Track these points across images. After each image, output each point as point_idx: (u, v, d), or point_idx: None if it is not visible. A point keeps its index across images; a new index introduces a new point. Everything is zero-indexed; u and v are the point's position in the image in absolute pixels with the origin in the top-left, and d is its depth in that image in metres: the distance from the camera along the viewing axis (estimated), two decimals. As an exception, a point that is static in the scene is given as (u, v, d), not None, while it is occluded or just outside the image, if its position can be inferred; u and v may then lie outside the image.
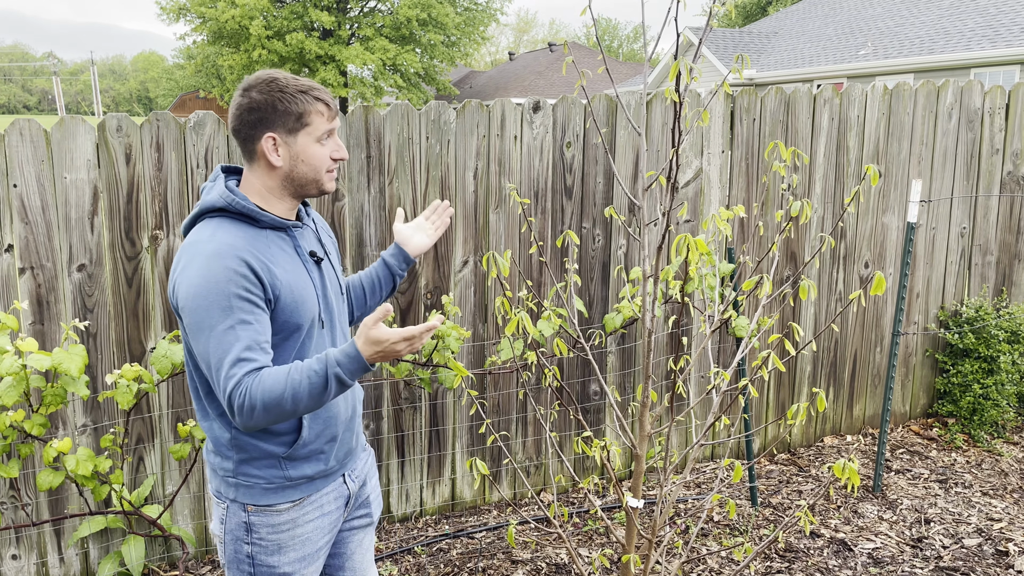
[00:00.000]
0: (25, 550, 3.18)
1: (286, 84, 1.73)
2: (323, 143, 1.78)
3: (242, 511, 1.86)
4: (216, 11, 27.84)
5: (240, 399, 1.64)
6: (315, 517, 1.92)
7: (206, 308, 1.66)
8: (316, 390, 1.66)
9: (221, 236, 1.71)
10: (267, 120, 1.73)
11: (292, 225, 1.83)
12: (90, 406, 3.17)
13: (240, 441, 1.82)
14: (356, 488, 2.04)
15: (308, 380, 1.66)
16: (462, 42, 32.49)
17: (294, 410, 1.67)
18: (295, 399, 1.65)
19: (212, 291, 1.66)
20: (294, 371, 1.66)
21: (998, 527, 3.67)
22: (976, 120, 4.59)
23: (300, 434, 1.83)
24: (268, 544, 1.86)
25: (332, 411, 1.89)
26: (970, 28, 15.73)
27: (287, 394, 1.64)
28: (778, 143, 2.31)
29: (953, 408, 4.70)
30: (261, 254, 1.72)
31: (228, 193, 1.75)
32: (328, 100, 1.77)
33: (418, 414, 3.74)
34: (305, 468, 1.87)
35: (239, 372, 1.65)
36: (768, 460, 4.45)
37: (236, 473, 1.85)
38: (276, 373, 1.66)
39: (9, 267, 2.99)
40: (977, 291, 4.83)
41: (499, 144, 3.64)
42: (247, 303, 1.67)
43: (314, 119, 1.75)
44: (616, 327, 3.37)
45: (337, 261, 2.03)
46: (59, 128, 2.98)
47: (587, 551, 3.52)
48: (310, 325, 1.82)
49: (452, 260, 3.65)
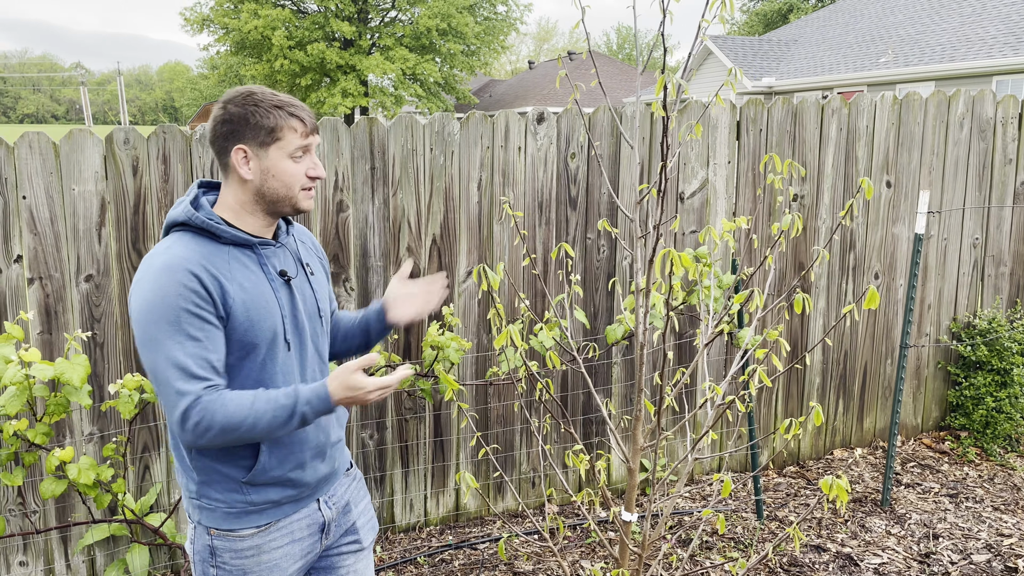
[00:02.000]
0: (32, 556, 3.22)
1: (262, 98, 1.72)
2: (297, 160, 1.75)
3: (206, 534, 1.81)
4: (239, 22, 28.19)
5: (197, 417, 1.62)
6: (284, 544, 1.85)
7: (155, 322, 1.63)
8: (277, 424, 1.67)
9: (176, 249, 1.69)
10: (238, 132, 1.72)
11: (260, 242, 1.79)
12: (97, 415, 3.21)
13: (198, 463, 1.78)
14: (334, 514, 1.97)
15: (272, 413, 1.65)
16: (482, 51, 32.66)
17: (248, 437, 1.66)
18: (254, 427, 1.65)
19: (160, 304, 1.63)
20: (259, 401, 1.65)
21: (1008, 543, 3.62)
22: (988, 130, 4.54)
23: (258, 459, 1.78)
24: (232, 569, 1.81)
25: (297, 437, 1.83)
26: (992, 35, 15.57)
27: (248, 421, 1.64)
28: (774, 155, 2.30)
29: (965, 421, 4.64)
30: (215, 268, 1.69)
31: (190, 208, 1.73)
32: (304, 116, 1.75)
33: (422, 424, 3.75)
34: (269, 493, 1.81)
35: (195, 389, 1.62)
36: (777, 473, 4.41)
37: (199, 495, 1.80)
38: (240, 399, 1.65)
39: (18, 277, 3.04)
40: (990, 303, 4.77)
41: (503, 155, 3.65)
42: (196, 318, 1.64)
43: (286, 134, 1.72)
44: (618, 339, 3.37)
45: (323, 281, 1.98)
46: (67, 141, 3.04)
47: (589, 563, 3.51)
48: (270, 346, 1.77)
49: (456, 271, 3.66)
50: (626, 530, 2.30)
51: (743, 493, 4.17)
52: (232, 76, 32.67)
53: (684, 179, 3.99)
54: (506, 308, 3.75)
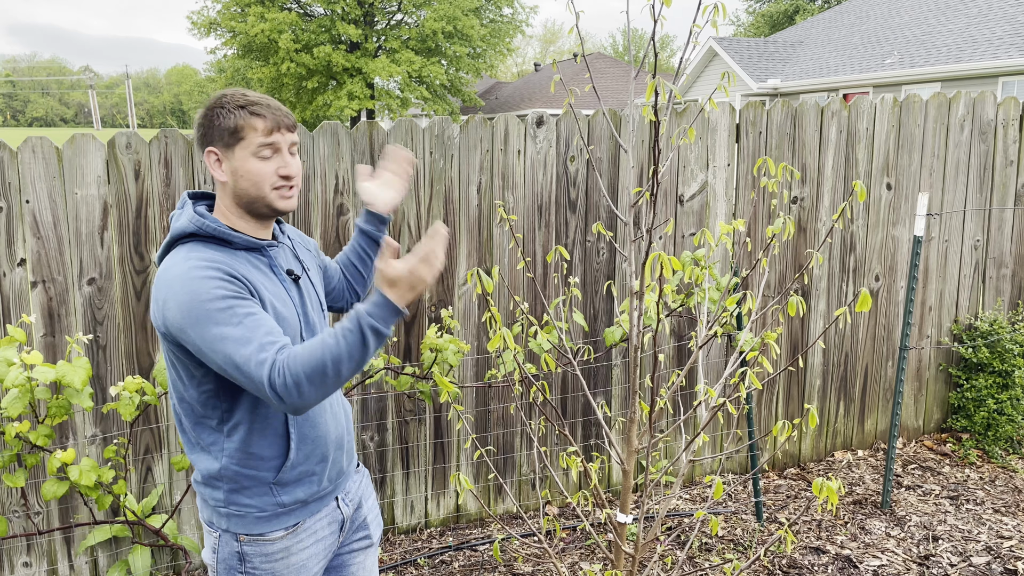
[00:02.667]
0: (36, 557, 3.25)
1: (229, 100, 1.74)
2: (264, 158, 1.75)
3: (235, 541, 1.83)
4: (245, 25, 28.30)
5: (281, 378, 1.59)
6: (310, 544, 1.89)
7: (207, 317, 1.62)
8: (354, 348, 1.60)
9: (195, 256, 1.70)
10: (208, 135, 1.75)
11: (267, 244, 1.82)
12: (99, 417, 3.24)
13: (229, 471, 1.79)
14: (351, 511, 2.01)
15: (344, 340, 1.60)
16: (487, 54, 32.71)
17: (337, 375, 1.61)
18: (336, 362, 1.60)
19: (204, 300, 1.63)
20: (327, 336, 1.62)
21: (1008, 545, 3.61)
22: (989, 132, 4.54)
23: (288, 456, 1.81)
24: (262, 573, 1.84)
25: (321, 430, 1.86)
26: (998, 36, 15.52)
27: (327, 359, 1.59)
28: (767, 159, 2.31)
29: (967, 423, 4.63)
30: (238, 272, 1.71)
31: (198, 217, 1.74)
32: (265, 114, 1.74)
33: (422, 426, 3.77)
34: (297, 492, 1.84)
35: (268, 355, 1.60)
36: (777, 475, 4.42)
37: (227, 503, 1.81)
38: (309, 345, 1.62)
39: (22, 281, 3.07)
40: (992, 304, 4.76)
41: (503, 158, 3.67)
42: (243, 300, 1.66)
43: (247, 133, 1.73)
44: (616, 341, 3.38)
45: (317, 276, 2.01)
46: (70, 145, 3.07)
47: (588, 564, 3.52)
48: (293, 343, 1.78)
49: (456, 273, 3.68)
50: (621, 532, 2.32)
51: (744, 495, 4.17)
52: (239, 79, 32.79)
53: (684, 182, 4.00)
54: (506, 311, 3.77)
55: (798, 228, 4.24)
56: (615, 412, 4.04)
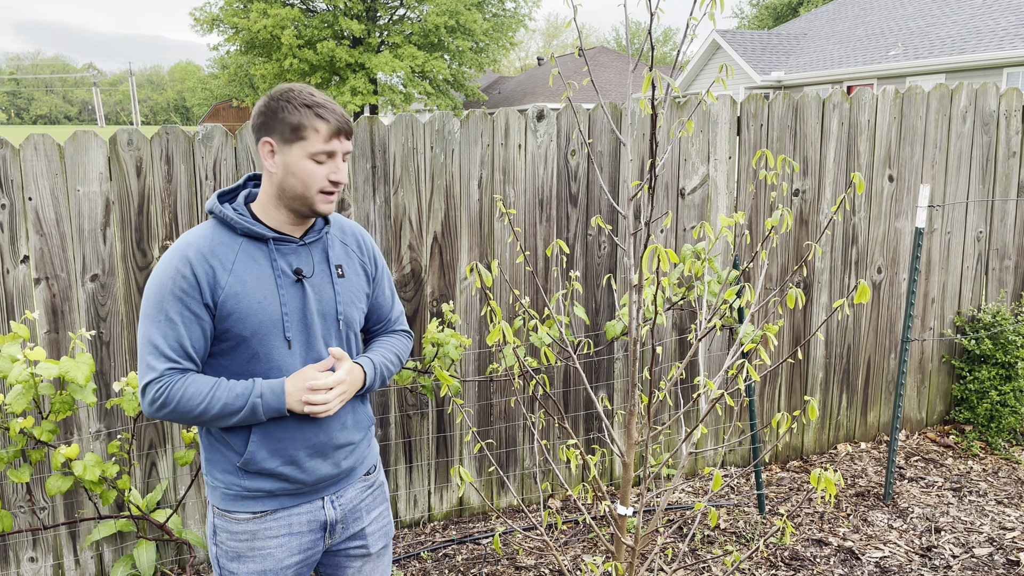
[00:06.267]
0: (42, 552, 3.27)
1: (296, 96, 1.75)
2: (319, 161, 1.76)
3: (211, 512, 1.91)
4: (248, 21, 28.30)
5: (156, 393, 1.72)
6: (280, 535, 1.87)
7: (147, 300, 1.75)
8: (229, 411, 1.75)
9: (189, 236, 1.79)
10: (268, 126, 1.77)
11: (277, 238, 1.81)
12: (103, 412, 3.26)
13: (205, 442, 1.88)
14: (340, 515, 1.95)
15: (226, 400, 1.74)
16: (490, 48, 32.65)
17: (202, 420, 1.75)
18: (205, 412, 1.74)
19: (155, 285, 1.75)
20: (220, 388, 1.75)
21: (1010, 536, 3.62)
22: (991, 123, 4.53)
23: (247, 449, 1.81)
24: (228, 550, 1.87)
25: (287, 432, 1.82)
26: (1003, 27, 15.45)
27: (202, 406, 1.73)
28: (767, 152, 2.31)
29: (970, 415, 4.63)
30: (215, 258, 1.75)
31: (216, 200, 1.82)
32: (331, 119, 1.75)
33: (425, 420, 3.78)
34: (262, 483, 1.84)
35: (161, 367, 1.72)
36: (780, 467, 4.42)
37: (208, 472, 1.89)
38: (202, 384, 1.74)
39: (25, 278, 3.09)
40: (995, 296, 4.75)
41: (503, 153, 3.68)
42: (178, 302, 1.73)
43: (309, 134, 1.74)
44: (617, 334, 3.39)
45: (354, 284, 1.95)
46: (72, 142, 3.08)
47: (590, 557, 3.53)
48: (262, 341, 1.78)
49: (457, 268, 3.69)
50: (621, 524, 2.32)
51: (746, 488, 4.18)
52: (242, 75, 32.81)
53: (685, 175, 4.00)
54: (507, 305, 3.77)
55: (800, 221, 4.24)
56: (617, 405, 4.05)
